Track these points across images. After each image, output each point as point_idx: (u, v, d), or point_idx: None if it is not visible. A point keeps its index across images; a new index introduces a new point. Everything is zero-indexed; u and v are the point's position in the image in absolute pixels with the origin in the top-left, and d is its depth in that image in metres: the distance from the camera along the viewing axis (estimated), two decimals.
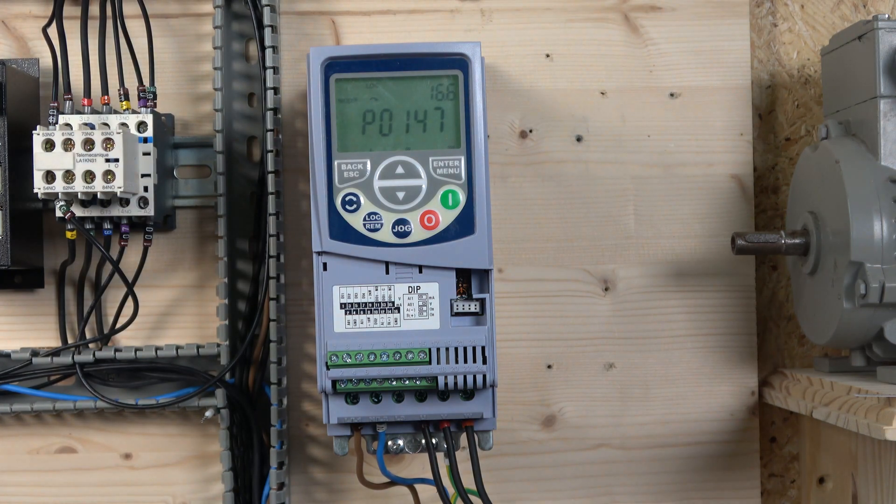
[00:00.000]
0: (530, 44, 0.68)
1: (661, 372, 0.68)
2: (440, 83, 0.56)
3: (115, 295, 0.66)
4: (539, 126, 0.68)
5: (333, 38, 0.68)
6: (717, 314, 0.69)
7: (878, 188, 0.58)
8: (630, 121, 0.68)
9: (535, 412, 0.68)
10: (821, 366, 0.66)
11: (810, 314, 0.64)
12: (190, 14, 0.67)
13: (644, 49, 0.69)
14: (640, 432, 0.68)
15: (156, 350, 0.64)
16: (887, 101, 0.59)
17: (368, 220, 0.56)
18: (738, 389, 0.69)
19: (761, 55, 0.71)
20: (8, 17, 0.67)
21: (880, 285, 0.57)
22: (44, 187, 0.59)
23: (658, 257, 0.68)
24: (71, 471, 0.67)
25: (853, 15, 0.71)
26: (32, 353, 0.64)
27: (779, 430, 0.71)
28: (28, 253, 0.64)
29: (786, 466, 0.71)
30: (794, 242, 0.62)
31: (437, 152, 0.56)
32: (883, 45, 0.59)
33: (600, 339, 0.68)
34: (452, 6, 0.68)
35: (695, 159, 0.69)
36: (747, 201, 0.69)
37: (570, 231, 0.68)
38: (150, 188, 0.62)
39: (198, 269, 0.67)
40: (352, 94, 0.56)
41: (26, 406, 0.64)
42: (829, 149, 0.61)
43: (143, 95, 0.64)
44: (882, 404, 0.54)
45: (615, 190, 0.68)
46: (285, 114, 0.67)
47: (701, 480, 0.69)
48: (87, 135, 0.59)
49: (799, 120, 0.71)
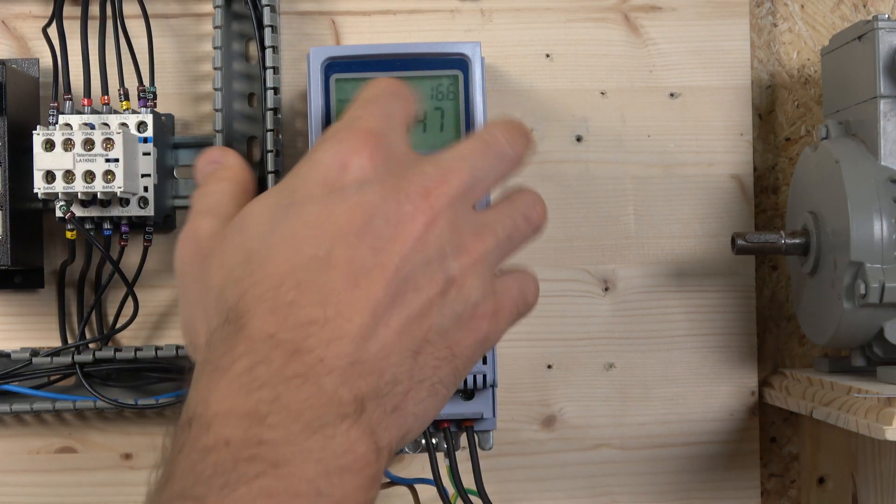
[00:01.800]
0: (530, 44, 0.68)
1: (661, 372, 0.68)
2: (440, 83, 0.56)
3: (115, 295, 0.66)
4: (539, 126, 0.68)
5: (333, 38, 0.68)
6: (717, 314, 0.69)
7: (878, 188, 0.58)
8: (630, 121, 0.68)
9: (535, 412, 0.68)
10: (821, 366, 0.66)
11: (810, 314, 0.64)
12: (190, 14, 0.67)
13: (644, 49, 0.69)
14: (640, 432, 0.68)
15: (156, 350, 0.64)
16: (887, 101, 0.59)
17: None
18: (738, 389, 0.69)
19: (761, 55, 0.71)
20: (8, 17, 0.67)
21: (880, 285, 0.57)
22: (44, 187, 0.59)
23: (658, 257, 0.68)
24: (71, 471, 0.67)
25: (853, 15, 0.71)
26: (32, 353, 0.64)
27: (779, 430, 0.71)
28: (28, 253, 0.64)
29: (786, 466, 0.71)
30: (794, 242, 0.62)
31: (437, 152, 0.56)
32: (883, 45, 0.59)
33: (600, 339, 0.68)
34: (452, 6, 0.68)
35: (695, 159, 0.69)
36: (747, 201, 0.69)
37: (570, 231, 0.68)
38: (150, 188, 0.62)
39: None
40: (352, 94, 0.55)
41: (26, 406, 0.64)
42: (829, 149, 0.61)
43: (143, 95, 0.64)
44: (882, 404, 0.54)
45: (615, 190, 0.68)
46: (285, 114, 0.67)
47: (701, 480, 0.69)
48: (87, 135, 0.59)
49: (799, 120, 0.71)
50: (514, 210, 0.44)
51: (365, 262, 0.38)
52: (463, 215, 0.41)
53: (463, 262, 0.41)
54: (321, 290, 0.38)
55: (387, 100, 0.44)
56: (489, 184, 0.44)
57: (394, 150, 0.42)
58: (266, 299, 0.38)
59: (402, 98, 0.45)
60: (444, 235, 0.40)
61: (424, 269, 0.39)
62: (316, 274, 0.38)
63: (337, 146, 0.41)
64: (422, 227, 0.40)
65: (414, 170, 0.41)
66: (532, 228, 0.45)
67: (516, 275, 0.45)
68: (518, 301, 0.44)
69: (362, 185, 0.40)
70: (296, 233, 0.39)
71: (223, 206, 0.44)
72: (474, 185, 0.42)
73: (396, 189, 0.40)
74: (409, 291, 0.39)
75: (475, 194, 0.42)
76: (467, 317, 0.41)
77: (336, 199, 0.40)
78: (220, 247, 0.41)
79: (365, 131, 0.42)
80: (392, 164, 0.41)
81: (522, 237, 0.44)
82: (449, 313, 0.40)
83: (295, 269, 0.38)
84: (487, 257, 0.42)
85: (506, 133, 0.44)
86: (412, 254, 0.39)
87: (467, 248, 0.41)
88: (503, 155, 0.44)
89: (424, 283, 0.39)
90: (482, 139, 0.44)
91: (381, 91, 0.44)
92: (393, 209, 0.39)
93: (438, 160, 0.42)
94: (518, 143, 0.45)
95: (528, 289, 0.45)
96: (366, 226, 0.39)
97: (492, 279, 0.42)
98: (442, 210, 0.40)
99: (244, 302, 0.38)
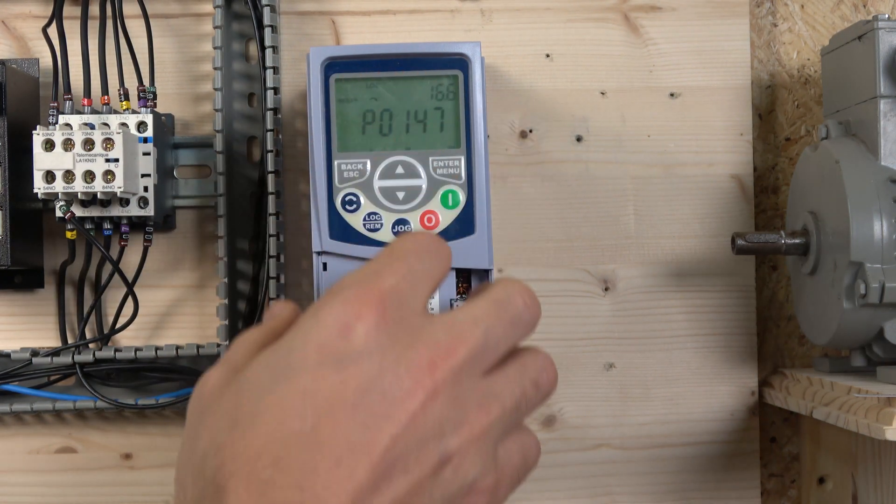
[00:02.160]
0: (530, 44, 0.68)
1: (661, 372, 0.68)
2: (440, 83, 0.56)
3: (115, 295, 0.66)
4: (539, 126, 0.68)
5: (333, 38, 0.68)
6: (717, 314, 0.69)
7: (878, 188, 0.58)
8: (630, 121, 0.68)
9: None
10: (821, 366, 0.66)
11: (810, 314, 0.64)
12: (190, 14, 0.67)
13: (644, 49, 0.69)
14: (640, 432, 0.68)
15: (156, 350, 0.64)
16: (887, 101, 0.59)
17: (368, 220, 0.56)
18: (738, 389, 0.69)
19: (761, 55, 0.71)
20: (8, 17, 0.67)
21: (880, 285, 0.57)
22: (44, 187, 0.59)
23: (658, 257, 0.69)
24: (71, 471, 0.67)
25: (853, 15, 0.71)
26: (32, 353, 0.64)
27: (779, 430, 0.71)
28: (28, 253, 0.64)
29: (786, 466, 0.71)
30: (794, 242, 0.62)
31: (437, 152, 0.56)
32: (883, 45, 0.59)
33: (600, 339, 0.68)
34: (452, 6, 0.68)
35: (695, 159, 0.69)
36: (747, 201, 0.69)
37: (570, 231, 0.68)
38: (150, 188, 0.62)
39: (198, 270, 0.67)
40: (352, 94, 0.56)
41: (26, 406, 0.64)
42: (829, 149, 0.61)
43: (143, 95, 0.64)
44: (882, 404, 0.54)
45: (615, 190, 0.68)
46: (285, 114, 0.67)
47: (701, 480, 0.69)
48: (87, 135, 0.59)
49: (799, 120, 0.71)
50: (524, 376, 0.41)
51: (352, 441, 0.36)
52: (469, 387, 0.38)
53: (463, 439, 0.37)
54: (301, 469, 0.35)
55: (416, 258, 0.40)
56: (501, 351, 0.40)
57: (406, 314, 0.38)
58: (242, 475, 0.35)
59: (435, 257, 0.41)
60: (445, 412, 0.37)
61: (418, 449, 0.36)
62: (297, 451, 0.35)
63: (342, 307, 0.38)
64: (419, 404, 0.36)
65: (423, 338, 0.38)
66: (541, 395, 0.42)
67: (518, 436, 0.41)
68: (520, 468, 0.41)
69: (362, 354, 0.37)
70: (283, 402, 0.36)
71: (241, 356, 0.41)
72: (486, 352, 0.39)
73: (398, 361, 0.37)
74: (398, 473, 0.36)
75: (486, 362, 0.39)
76: (462, 495, 0.38)
77: (331, 369, 0.37)
78: (214, 405, 0.39)
79: (378, 293, 0.38)
80: (400, 331, 0.38)
81: (530, 406, 0.41)
82: (440, 494, 0.37)
83: (275, 442, 0.36)
84: (491, 430, 0.39)
85: (524, 295, 0.41)
86: (405, 433, 0.36)
87: (469, 423, 0.38)
88: (519, 319, 0.41)
89: (415, 464, 0.36)
90: (498, 301, 0.40)
91: (414, 247, 0.40)
92: (391, 383, 0.36)
93: (451, 324, 0.39)
94: (534, 306, 0.41)
95: (530, 451, 0.42)
96: (359, 401, 0.36)
97: (494, 452, 0.39)
98: (445, 384, 0.37)
99: (221, 475, 0.36)
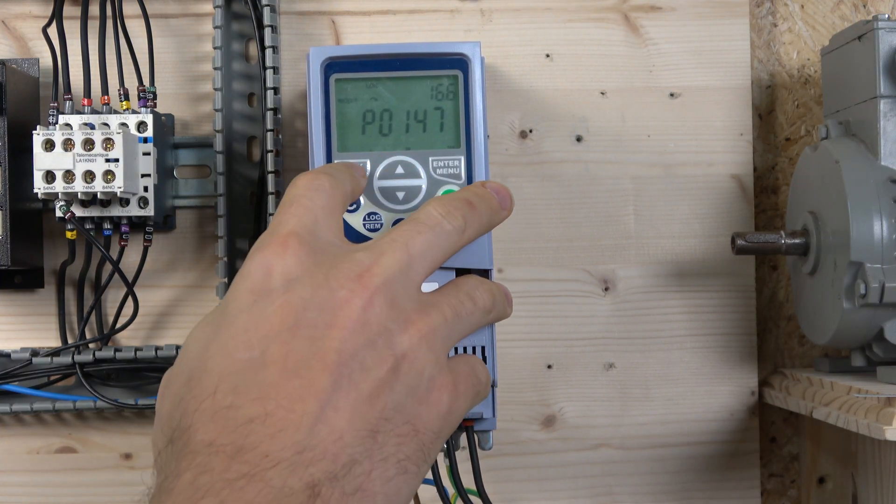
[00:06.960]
0: (530, 44, 0.68)
1: (661, 372, 0.68)
2: (440, 83, 0.56)
3: (115, 295, 0.66)
4: (539, 126, 0.68)
5: (333, 38, 0.68)
6: (717, 314, 0.69)
7: (878, 188, 0.58)
8: (630, 121, 0.68)
9: (535, 412, 0.68)
10: (821, 366, 0.66)
11: (810, 314, 0.64)
12: (190, 14, 0.68)
13: (644, 49, 0.69)
14: (640, 432, 0.68)
15: (156, 350, 0.64)
16: (887, 101, 0.59)
17: (368, 220, 0.55)
18: (738, 389, 0.69)
19: (761, 55, 0.71)
20: (8, 17, 0.67)
21: (880, 285, 0.57)
22: (44, 187, 0.59)
23: (658, 257, 0.69)
24: (71, 471, 0.67)
25: (853, 15, 0.71)
26: (32, 353, 0.64)
27: (779, 430, 0.71)
28: (28, 253, 0.64)
29: (786, 466, 0.71)
30: (794, 242, 0.62)
31: (437, 152, 0.56)
32: (883, 45, 0.59)
33: (600, 339, 0.68)
34: (452, 6, 0.68)
35: (695, 159, 0.69)
36: (747, 201, 0.69)
37: (570, 231, 0.68)
38: (150, 188, 0.62)
39: (197, 270, 0.67)
40: (352, 94, 0.56)
41: (26, 406, 0.64)
42: (829, 149, 0.61)
43: (143, 95, 0.64)
44: (882, 404, 0.54)
45: (615, 190, 0.68)
46: (285, 114, 0.67)
47: (701, 480, 0.69)
48: (87, 135, 0.59)
49: (799, 120, 0.71)
50: (458, 290, 0.44)
51: (303, 354, 0.38)
52: (403, 293, 0.41)
53: (412, 336, 0.41)
54: (259, 387, 0.38)
55: (307, 196, 0.44)
56: (431, 260, 0.43)
57: (322, 243, 0.42)
58: (204, 410, 0.38)
59: (323, 189, 0.44)
60: (385, 312, 0.40)
61: (370, 349, 0.39)
62: (252, 375, 0.38)
63: (260, 254, 0.41)
64: (359, 309, 0.39)
65: (344, 259, 0.41)
66: (480, 309, 0.45)
67: (462, 356, 0.46)
68: (471, 376, 0.44)
69: (291, 282, 0.40)
70: (227, 343, 0.39)
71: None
72: (411, 263, 0.42)
73: (327, 278, 0.40)
74: (356, 372, 0.39)
75: (415, 272, 0.42)
76: (424, 390, 0.41)
77: (265, 303, 0.40)
78: (168, 378, 0.41)
79: (286, 233, 0.42)
80: (321, 258, 0.41)
81: (471, 316, 0.44)
82: (403, 389, 0.40)
83: (229, 374, 0.38)
84: (437, 332, 0.42)
85: (439, 208, 0.45)
86: (352, 336, 0.39)
87: (413, 322, 0.41)
88: (439, 229, 0.44)
89: (372, 363, 0.39)
90: (414, 218, 0.44)
91: (299, 189, 0.44)
92: (325, 297, 0.39)
93: (369, 245, 0.42)
94: (454, 215, 0.45)
95: (476, 366, 0.46)
96: (298, 320, 0.39)
97: (445, 355, 0.42)
98: (378, 289, 0.40)
99: (185, 419, 0.38)
